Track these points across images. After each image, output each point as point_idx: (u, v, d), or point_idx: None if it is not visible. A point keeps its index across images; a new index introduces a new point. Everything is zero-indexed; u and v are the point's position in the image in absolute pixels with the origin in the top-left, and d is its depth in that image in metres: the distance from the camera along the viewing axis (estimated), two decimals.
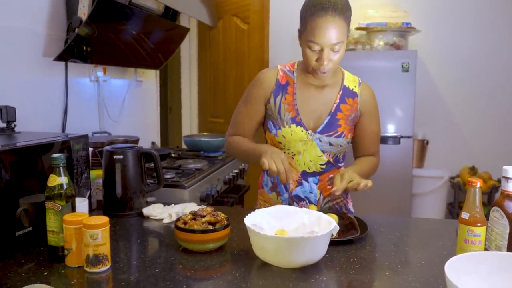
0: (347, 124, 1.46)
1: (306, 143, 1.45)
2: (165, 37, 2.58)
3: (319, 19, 1.28)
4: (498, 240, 0.97)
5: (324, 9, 1.27)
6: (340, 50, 1.33)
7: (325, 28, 1.27)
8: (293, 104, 1.45)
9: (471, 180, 0.98)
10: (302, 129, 1.44)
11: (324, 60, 1.32)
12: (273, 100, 1.47)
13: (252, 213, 1.12)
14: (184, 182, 1.77)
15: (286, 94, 1.46)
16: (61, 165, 1.04)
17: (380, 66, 3.10)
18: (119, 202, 1.41)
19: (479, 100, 3.54)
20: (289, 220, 1.15)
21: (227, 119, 3.69)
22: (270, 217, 1.14)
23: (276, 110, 1.46)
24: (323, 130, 1.44)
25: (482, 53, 3.49)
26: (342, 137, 1.45)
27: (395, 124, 3.13)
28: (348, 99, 1.46)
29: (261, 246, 1.01)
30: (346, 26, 1.32)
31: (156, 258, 1.09)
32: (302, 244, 0.97)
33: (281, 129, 1.45)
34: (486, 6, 3.45)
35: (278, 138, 1.46)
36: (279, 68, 1.50)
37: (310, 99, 1.46)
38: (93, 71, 2.24)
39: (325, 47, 1.30)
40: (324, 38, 1.28)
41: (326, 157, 1.47)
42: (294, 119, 1.44)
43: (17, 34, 1.71)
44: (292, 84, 1.47)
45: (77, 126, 2.06)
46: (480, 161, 3.50)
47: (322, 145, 1.45)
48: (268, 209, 1.17)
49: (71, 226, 1.00)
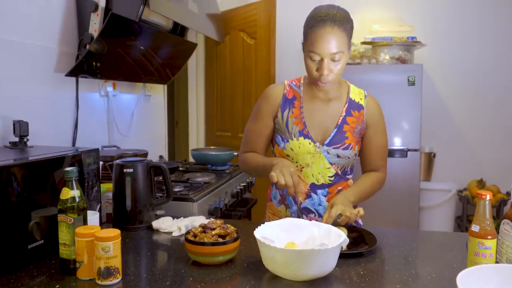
0: (354, 136, 1.48)
1: (314, 156, 1.46)
2: (173, 52, 2.62)
3: (318, 30, 1.33)
4: (509, 253, 0.96)
5: (323, 21, 1.33)
6: (340, 60, 1.36)
7: (324, 38, 1.32)
8: (301, 117, 1.48)
9: (480, 192, 0.98)
10: (310, 142, 1.46)
11: (324, 70, 1.35)
12: (281, 115, 1.50)
13: (261, 226, 1.12)
14: (192, 195, 1.77)
15: (293, 108, 1.49)
16: (73, 178, 1.06)
17: (386, 80, 3.12)
18: (129, 215, 1.42)
19: (485, 113, 3.54)
20: (299, 233, 1.15)
21: (234, 132, 3.73)
22: (280, 229, 1.14)
23: (284, 123, 1.49)
24: (330, 142, 1.46)
25: (488, 66, 3.51)
26: (350, 149, 1.47)
27: (402, 137, 3.13)
28: (354, 112, 1.48)
29: (271, 258, 1.01)
30: (346, 37, 1.35)
31: (166, 271, 1.09)
32: (313, 256, 0.97)
33: (289, 142, 1.47)
34: (491, 20, 3.47)
35: (286, 151, 1.48)
36: (286, 83, 1.54)
37: (317, 112, 1.48)
38: (103, 86, 2.27)
39: (325, 57, 1.34)
40: (323, 48, 1.33)
41: (334, 169, 1.48)
42: (301, 132, 1.46)
43: (30, 50, 1.75)
44: (299, 98, 1.50)
45: (87, 140, 2.08)
46: (488, 174, 3.48)
47: (330, 157, 1.46)
48: (277, 222, 1.17)
49: (83, 238, 1.01)
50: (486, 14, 3.48)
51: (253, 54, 3.50)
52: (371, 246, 1.20)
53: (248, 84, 3.57)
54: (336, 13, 1.34)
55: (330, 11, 1.35)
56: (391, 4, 3.62)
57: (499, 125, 3.52)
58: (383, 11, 3.63)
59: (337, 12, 1.35)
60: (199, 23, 2.54)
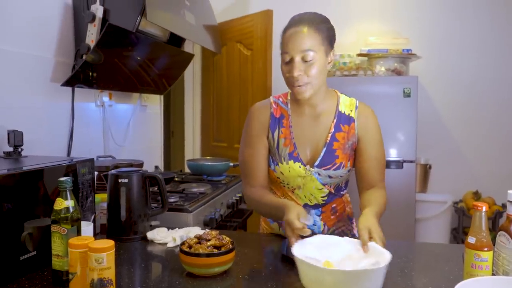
0: (345, 153, 1.40)
1: (305, 178, 1.40)
2: (169, 63, 2.63)
3: (289, 31, 1.30)
4: (506, 265, 0.96)
5: (294, 23, 1.31)
6: (314, 62, 1.28)
7: (294, 37, 1.28)
8: (290, 138, 1.41)
9: (476, 204, 0.98)
10: (300, 165, 1.39)
11: (295, 69, 1.28)
12: (271, 135, 1.42)
13: (296, 245, 1.05)
14: (188, 206, 1.76)
15: (282, 127, 1.42)
16: (68, 188, 1.05)
17: (382, 92, 3.14)
18: (123, 226, 1.41)
19: (480, 125, 3.56)
20: (333, 251, 1.07)
21: (230, 143, 3.73)
22: (313, 247, 1.07)
23: (275, 145, 1.42)
24: (320, 163, 1.38)
25: (483, 78, 3.54)
26: (341, 168, 1.39)
27: (398, 149, 3.14)
28: (343, 126, 1.40)
29: (319, 281, 0.92)
30: (319, 38, 1.29)
31: (160, 283, 1.08)
32: (367, 277, 0.91)
33: (279, 165, 1.41)
34: (486, 33, 3.51)
35: (277, 174, 1.42)
36: (272, 101, 1.46)
37: (306, 130, 1.41)
38: (99, 96, 2.27)
39: (295, 55, 1.28)
40: (292, 45, 1.28)
41: (327, 189, 1.42)
42: (291, 155, 1.39)
43: (26, 60, 1.75)
44: (287, 117, 1.42)
45: (82, 150, 2.07)
46: (484, 186, 3.49)
47: (322, 178, 1.40)
48: (309, 240, 1.10)
49: (77, 250, 0.99)
50: (481, 26, 3.52)
51: (249, 65, 3.52)
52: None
53: (244, 95, 3.57)
54: (310, 16, 1.32)
55: (304, 15, 1.33)
56: (387, 17, 3.66)
57: (494, 137, 3.54)
58: (379, 24, 3.66)
59: (310, 15, 1.33)
60: (196, 34, 2.55)
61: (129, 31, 1.97)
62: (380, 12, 3.67)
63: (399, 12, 3.64)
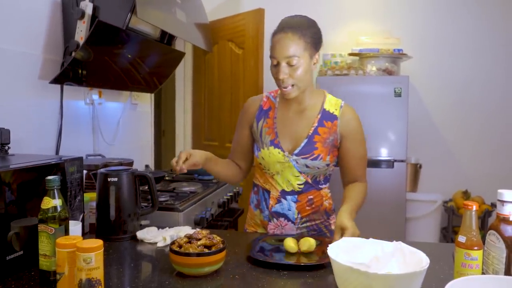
0: (325, 147, 1.48)
1: (283, 164, 1.49)
2: (160, 61, 2.60)
3: (276, 36, 1.40)
4: (495, 264, 0.96)
5: (281, 28, 1.40)
6: (298, 65, 1.38)
7: (279, 43, 1.38)
8: (273, 127, 1.52)
9: (467, 203, 0.98)
10: (279, 151, 1.49)
11: (280, 73, 1.38)
12: (256, 124, 1.56)
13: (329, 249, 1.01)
14: (178, 205, 1.75)
15: (268, 118, 1.55)
16: (55, 187, 1.03)
17: (373, 91, 3.15)
18: (113, 225, 1.39)
19: (470, 125, 3.60)
20: (359, 253, 1.05)
21: (221, 142, 3.71)
22: (340, 250, 1.03)
23: (258, 133, 1.55)
24: (299, 152, 1.48)
25: (473, 78, 3.57)
26: (319, 159, 1.47)
27: (389, 148, 3.15)
28: (326, 122, 1.49)
29: (365, 286, 0.88)
30: (304, 43, 1.38)
31: (150, 283, 1.07)
32: (413, 279, 0.89)
33: (261, 150, 1.52)
34: (477, 33, 3.55)
35: (259, 159, 1.54)
36: (265, 95, 1.61)
37: (289, 122, 1.52)
38: (89, 94, 2.24)
39: (280, 60, 1.38)
40: (278, 52, 1.38)
41: (304, 178, 1.50)
42: (272, 142, 1.51)
43: (14, 57, 1.72)
44: (273, 109, 1.55)
45: (71, 149, 2.04)
46: (473, 185, 3.52)
47: (299, 167, 1.48)
48: (335, 243, 1.06)
49: (64, 249, 0.98)
50: (472, 27, 3.55)
51: (241, 64, 3.50)
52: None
53: (235, 93, 3.56)
54: (296, 21, 1.41)
55: (292, 18, 1.42)
56: (379, 16, 3.68)
57: (484, 137, 3.57)
58: (370, 24, 3.68)
59: (297, 20, 1.41)
60: (187, 32, 2.53)
61: (119, 28, 1.95)
62: (372, 12, 3.68)
63: (391, 12, 3.66)
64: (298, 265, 1.16)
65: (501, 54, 3.52)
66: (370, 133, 3.13)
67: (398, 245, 1.04)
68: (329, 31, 3.64)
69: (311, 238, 1.27)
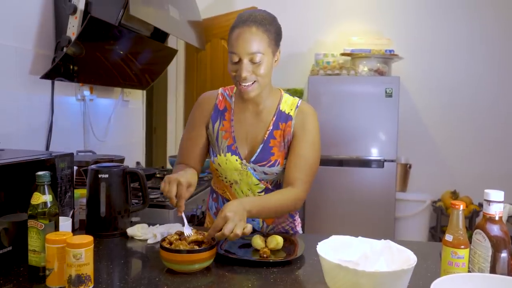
0: (281, 151, 1.39)
1: (241, 173, 1.41)
2: (153, 58, 2.60)
3: (237, 30, 1.28)
4: (481, 263, 0.98)
5: (243, 22, 1.28)
6: (261, 63, 1.29)
7: (242, 38, 1.27)
8: (230, 131, 1.42)
9: (454, 202, 1.00)
10: (237, 158, 1.40)
11: (243, 71, 1.27)
12: (212, 126, 1.44)
13: (319, 246, 1.00)
14: (169, 203, 1.75)
15: (224, 120, 1.43)
16: (45, 183, 1.03)
17: (364, 91, 3.17)
18: (103, 222, 1.39)
19: (459, 126, 3.64)
20: (347, 251, 1.05)
21: None
22: (330, 248, 1.02)
23: (214, 136, 1.44)
24: (256, 160, 1.39)
25: (463, 80, 3.61)
26: (276, 165, 1.39)
27: (379, 148, 3.18)
28: (281, 124, 1.40)
29: (353, 284, 0.89)
30: (267, 39, 1.29)
31: (140, 279, 1.07)
32: (402, 276, 0.89)
33: (217, 156, 1.42)
34: (468, 34, 3.58)
35: (215, 165, 1.44)
36: (220, 92, 1.48)
37: (246, 125, 1.42)
38: (80, 90, 2.23)
39: (243, 57, 1.27)
40: (241, 47, 1.27)
41: (264, 185, 1.42)
42: (230, 148, 1.41)
43: (4, 51, 1.70)
44: (229, 110, 1.44)
45: (61, 145, 2.03)
46: (461, 185, 3.57)
47: (258, 174, 1.40)
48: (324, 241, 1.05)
49: (54, 245, 0.97)
50: (463, 29, 3.59)
51: None
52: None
53: None
54: (258, 15, 1.30)
55: (253, 13, 1.31)
56: (370, 17, 3.70)
57: (472, 138, 3.62)
58: (362, 24, 3.70)
59: (259, 14, 1.31)
60: (180, 29, 2.53)
61: (112, 24, 1.94)
62: (364, 12, 3.71)
63: (382, 12, 3.68)
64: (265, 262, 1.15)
65: (491, 56, 3.56)
66: (360, 133, 3.19)
67: (386, 243, 1.05)
68: (321, 31, 3.66)
69: (278, 236, 1.26)
